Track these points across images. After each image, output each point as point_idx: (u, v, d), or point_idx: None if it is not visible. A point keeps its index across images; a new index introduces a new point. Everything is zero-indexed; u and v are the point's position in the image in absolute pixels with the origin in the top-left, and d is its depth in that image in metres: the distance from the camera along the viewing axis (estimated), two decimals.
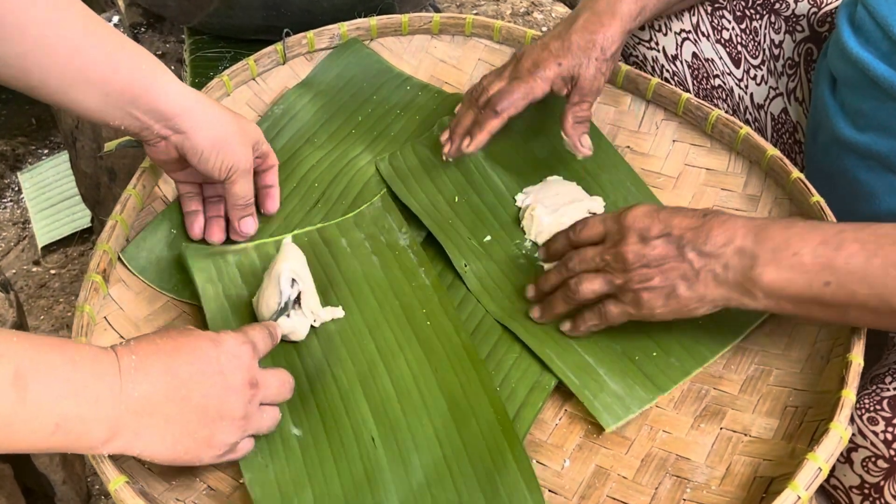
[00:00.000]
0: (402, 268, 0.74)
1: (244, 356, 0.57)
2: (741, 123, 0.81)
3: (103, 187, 1.22)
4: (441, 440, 0.63)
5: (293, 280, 0.67)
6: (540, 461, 0.64)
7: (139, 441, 0.52)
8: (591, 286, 0.66)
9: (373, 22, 0.93)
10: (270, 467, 0.61)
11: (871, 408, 0.63)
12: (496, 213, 0.80)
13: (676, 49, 0.91)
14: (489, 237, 0.78)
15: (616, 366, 0.67)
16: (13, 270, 1.52)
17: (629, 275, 0.64)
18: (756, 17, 0.90)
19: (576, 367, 0.67)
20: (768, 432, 0.64)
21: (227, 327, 0.65)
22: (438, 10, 1.27)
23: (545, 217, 0.77)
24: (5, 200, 1.66)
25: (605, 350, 0.69)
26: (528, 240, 0.78)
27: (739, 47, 0.91)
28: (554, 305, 0.69)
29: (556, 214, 0.77)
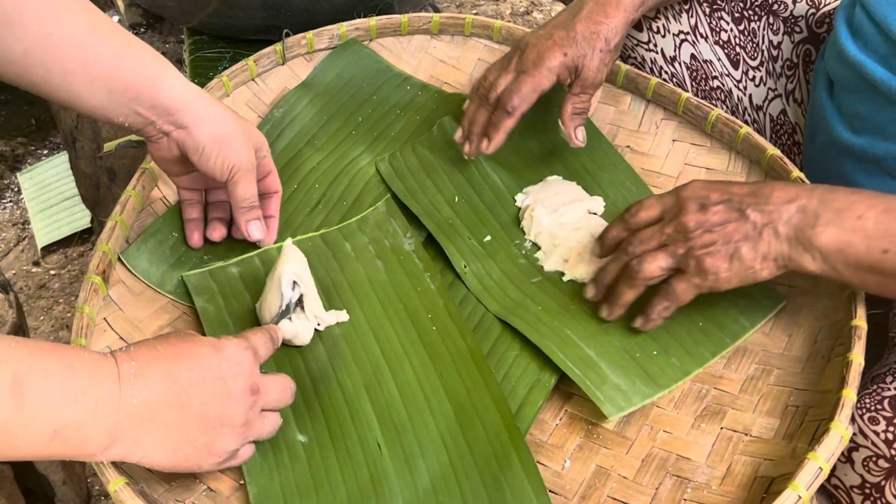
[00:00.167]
0: (406, 272, 0.74)
1: (245, 362, 0.57)
2: (741, 123, 0.81)
3: (103, 188, 1.22)
4: (447, 445, 0.63)
5: (294, 283, 0.66)
6: (540, 461, 0.64)
7: (139, 448, 0.52)
8: (654, 262, 0.64)
9: (372, 22, 0.93)
10: (275, 475, 0.60)
11: (872, 407, 0.63)
12: (496, 213, 0.80)
13: (675, 51, 0.91)
14: (489, 237, 0.78)
15: (617, 361, 0.67)
16: (13, 271, 1.52)
17: (691, 242, 0.63)
18: (754, 18, 0.90)
19: (578, 360, 0.67)
20: (769, 432, 0.64)
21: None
22: (438, 10, 1.27)
23: (545, 217, 0.77)
24: (5, 201, 1.65)
25: (606, 346, 0.68)
26: (528, 240, 0.78)
27: (738, 49, 0.91)
28: (619, 294, 0.67)
29: (555, 214, 0.77)
